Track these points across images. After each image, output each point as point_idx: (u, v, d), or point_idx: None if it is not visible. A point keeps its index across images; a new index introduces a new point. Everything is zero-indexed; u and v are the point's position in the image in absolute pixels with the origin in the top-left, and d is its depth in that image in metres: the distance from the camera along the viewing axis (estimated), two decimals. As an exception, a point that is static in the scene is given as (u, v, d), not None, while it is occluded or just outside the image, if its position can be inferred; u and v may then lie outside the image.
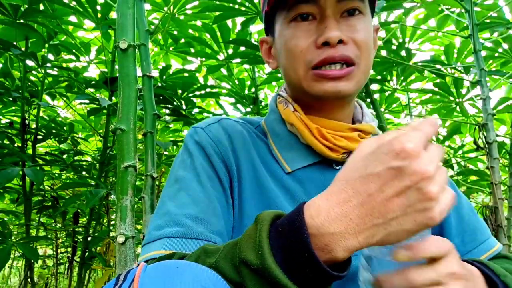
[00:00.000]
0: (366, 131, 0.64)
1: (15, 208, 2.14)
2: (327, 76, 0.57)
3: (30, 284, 1.89)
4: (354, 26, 0.58)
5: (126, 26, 0.49)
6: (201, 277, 0.44)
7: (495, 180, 1.35)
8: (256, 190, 0.61)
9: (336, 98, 0.59)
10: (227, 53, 1.82)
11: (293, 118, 0.63)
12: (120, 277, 0.47)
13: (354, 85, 0.59)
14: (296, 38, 0.59)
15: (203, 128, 0.65)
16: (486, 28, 1.55)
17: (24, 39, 1.62)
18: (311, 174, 0.62)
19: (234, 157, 0.62)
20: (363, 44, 0.58)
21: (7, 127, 1.77)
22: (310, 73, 0.59)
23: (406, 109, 2.38)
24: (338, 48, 0.57)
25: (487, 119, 1.39)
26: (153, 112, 1.19)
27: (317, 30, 0.58)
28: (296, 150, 0.64)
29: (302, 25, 0.59)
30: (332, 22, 0.57)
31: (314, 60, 0.58)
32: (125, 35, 0.48)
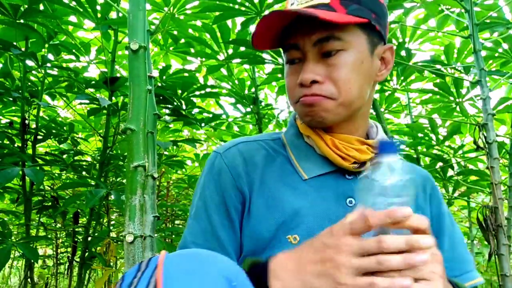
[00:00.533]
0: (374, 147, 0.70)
1: (15, 208, 2.14)
2: (303, 103, 0.65)
3: (30, 284, 1.89)
4: (334, 65, 0.64)
5: (137, 27, 0.49)
6: (223, 266, 0.48)
7: (495, 180, 1.35)
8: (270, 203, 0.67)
9: (316, 122, 0.67)
10: (227, 53, 1.82)
11: (310, 131, 0.70)
12: (142, 264, 0.50)
13: (327, 111, 0.65)
14: (288, 77, 0.69)
15: (220, 154, 0.73)
16: (486, 28, 1.55)
17: (24, 39, 1.62)
18: (326, 181, 0.69)
19: (248, 180, 0.69)
20: (341, 80, 0.64)
21: (7, 127, 1.77)
22: (297, 105, 0.67)
23: (406, 109, 2.38)
24: (312, 88, 0.64)
25: (487, 119, 1.39)
26: (153, 112, 1.19)
27: (300, 72, 0.66)
28: (313, 160, 0.70)
29: (292, 67, 0.68)
30: (308, 65, 0.64)
31: (296, 96, 0.67)
32: (135, 36, 0.49)
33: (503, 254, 1.32)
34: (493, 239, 1.35)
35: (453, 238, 0.75)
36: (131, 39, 0.49)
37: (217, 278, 0.45)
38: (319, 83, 0.64)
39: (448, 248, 0.73)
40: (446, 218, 0.75)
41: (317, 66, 0.64)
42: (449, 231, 0.75)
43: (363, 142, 0.70)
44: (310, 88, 0.64)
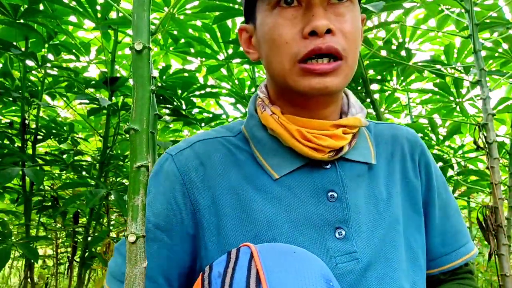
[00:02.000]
0: (352, 126, 0.60)
1: (15, 208, 2.14)
2: (314, 71, 0.53)
3: (30, 284, 1.89)
4: (343, 16, 0.54)
5: (142, 28, 0.49)
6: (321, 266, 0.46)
7: (495, 180, 1.35)
8: (240, 215, 0.57)
9: (323, 94, 0.55)
10: (227, 53, 1.82)
11: (272, 122, 0.59)
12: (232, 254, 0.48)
13: (341, 80, 0.55)
14: (280, 26, 0.54)
15: (172, 157, 0.61)
16: (486, 28, 1.55)
17: (24, 39, 1.62)
18: (300, 177, 0.59)
19: (207, 186, 0.59)
20: (351, 35, 0.54)
21: (7, 127, 1.77)
22: (296, 67, 0.54)
23: (406, 109, 2.38)
24: (325, 39, 0.52)
25: (487, 119, 1.39)
26: (154, 113, 1.20)
27: (303, 18, 0.53)
28: (281, 154, 0.59)
29: (286, 12, 0.54)
30: (320, 10, 0.52)
31: (300, 53, 0.53)
32: (140, 36, 0.49)
33: (503, 254, 1.32)
34: (493, 239, 1.35)
35: (446, 209, 0.68)
36: (135, 40, 0.48)
37: (317, 277, 0.43)
38: (331, 34, 0.53)
39: (440, 221, 0.67)
40: (436, 188, 0.68)
41: (326, 13, 0.53)
42: (441, 202, 0.68)
43: (338, 125, 0.59)
44: (324, 39, 0.52)
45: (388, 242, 0.59)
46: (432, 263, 0.68)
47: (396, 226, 0.61)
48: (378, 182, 0.63)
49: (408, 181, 0.66)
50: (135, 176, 0.47)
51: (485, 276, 2.77)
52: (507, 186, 1.53)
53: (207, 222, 0.58)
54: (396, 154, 0.66)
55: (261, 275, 0.42)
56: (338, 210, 0.58)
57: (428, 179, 0.67)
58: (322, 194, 0.59)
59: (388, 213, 0.61)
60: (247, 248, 0.48)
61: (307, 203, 0.58)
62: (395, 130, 0.69)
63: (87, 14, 1.52)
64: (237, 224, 0.57)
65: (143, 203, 0.47)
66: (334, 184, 0.59)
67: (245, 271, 0.43)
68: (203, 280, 0.47)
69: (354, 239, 0.57)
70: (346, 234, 0.57)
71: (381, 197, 0.62)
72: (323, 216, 0.58)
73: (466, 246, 0.68)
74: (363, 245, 0.57)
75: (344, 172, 0.60)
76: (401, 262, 0.59)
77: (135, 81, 0.48)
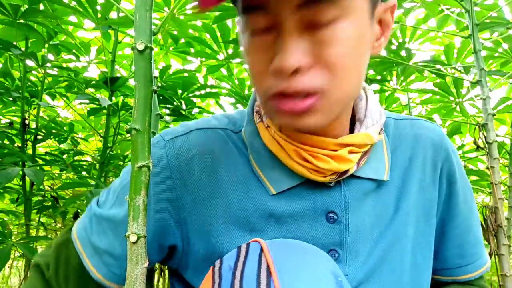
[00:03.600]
0: (359, 144, 0.51)
1: (15, 208, 2.14)
2: (282, 111, 0.45)
3: (30, 284, 1.89)
4: (326, 42, 0.42)
5: (144, 28, 0.49)
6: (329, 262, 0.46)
7: (495, 180, 1.35)
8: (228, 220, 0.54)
9: (305, 132, 0.49)
10: (227, 53, 1.82)
11: (267, 138, 0.53)
12: (242, 249, 0.47)
13: (321, 118, 0.45)
14: (251, 54, 0.46)
15: (165, 142, 0.55)
16: (486, 28, 1.55)
17: (24, 39, 1.62)
18: (299, 195, 0.53)
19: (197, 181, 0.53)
20: (339, 61, 0.42)
21: (7, 127, 1.77)
22: (268, 104, 0.47)
23: (406, 109, 2.38)
24: (293, 80, 0.42)
25: (487, 119, 1.39)
26: (156, 113, 1.20)
27: (275, 47, 0.43)
28: (279, 168, 0.53)
29: (256, 40, 0.44)
30: (291, 40, 0.41)
31: (268, 91, 0.45)
32: (142, 36, 0.49)
33: (503, 254, 1.32)
34: (493, 239, 1.35)
35: (469, 220, 0.64)
36: (137, 40, 0.49)
37: (327, 272, 0.43)
38: (301, 73, 0.42)
39: (461, 232, 0.63)
40: (462, 197, 0.62)
41: (300, 41, 0.41)
42: (465, 212, 0.62)
43: (343, 144, 0.51)
44: (291, 79, 0.42)
45: (386, 263, 0.56)
46: (446, 272, 0.65)
47: (397, 245, 0.57)
48: (386, 197, 0.57)
49: (424, 191, 0.59)
50: (136, 176, 0.47)
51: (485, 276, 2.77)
52: (507, 186, 1.53)
53: (192, 221, 0.54)
54: (415, 160, 0.59)
55: (271, 268, 0.42)
56: (335, 232, 0.54)
57: (452, 188, 0.61)
58: (321, 215, 0.54)
59: (391, 231, 0.56)
60: (257, 243, 0.47)
61: (302, 224, 0.54)
62: (419, 129, 0.60)
63: (87, 14, 1.52)
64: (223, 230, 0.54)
65: (144, 203, 0.47)
66: (335, 205, 0.54)
67: (256, 265, 0.43)
68: (213, 273, 0.47)
69: (347, 263, 0.54)
70: (339, 257, 0.54)
71: (387, 213, 0.57)
72: (317, 238, 0.54)
73: (482, 259, 0.66)
74: (355, 268, 0.55)
75: (349, 191, 0.54)
76: (397, 283, 0.57)
77: (137, 81, 0.48)
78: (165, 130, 0.57)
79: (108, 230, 0.56)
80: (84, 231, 0.59)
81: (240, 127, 0.58)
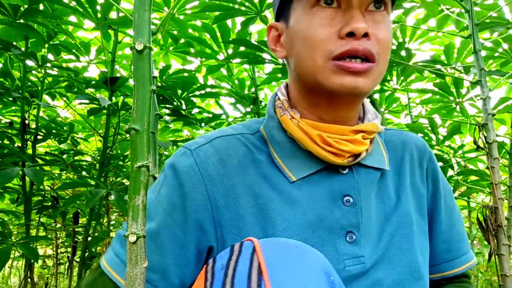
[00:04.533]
0: (370, 131, 0.61)
1: (15, 208, 2.14)
2: (348, 69, 0.53)
3: (30, 284, 1.89)
4: (378, 22, 0.55)
5: (143, 28, 0.49)
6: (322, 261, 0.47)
7: (495, 180, 1.35)
8: (257, 213, 0.57)
9: (352, 94, 0.55)
10: (227, 53, 1.82)
11: (292, 126, 0.59)
12: (235, 247, 0.48)
13: (371, 82, 0.55)
14: (317, 26, 0.54)
15: (191, 151, 0.59)
16: (486, 28, 1.55)
17: (24, 39, 1.62)
18: (317, 181, 0.60)
19: (226, 183, 0.58)
20: (385, 42, 0.55)
21: (7, 127, 1.77)
22: (329, 64, 0.54)
23: (406, 109, 2.38)
24: (362, 42, 0.53)
25: (487, 119, 1.39)
26: (155, 113, 1.20)
27: (341, 19, 0.54)
28: (299, 157, 0.60)
29: (325, 12, 0.54)
30: (359, 14, 0.53)
31: (336, 51, 0.53)
32: (141, 36, 0.49)
33: (503, 254, 1.32)
34: (493, 239, 1.35)
35: (452, 217, 0.70)
36: (136, 40, 0.49)
37: (318, 271, 0.44)
38: (368, 38, 0.53)
39: (446, 228, 0.68)
40: (443, 196, 0.69)
41: (364, 18, 0.54)
42: (448, 209, 0.69)
43: (358, 131, 0.59)
44: (360, 41, 0.53)
45: (394, 246, 0.61)
46: (435, 268, 0.70)
47: (402, 231, 0.63)
48: (388, 187, 0.64)
49: (415, 187, 0.67)
50: (135, 176, 0.47)
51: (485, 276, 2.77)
52: (507, 186, 1.53)
53: (226, 221, 0.57)
54: (405, 160, 0.67)
55: (262, 267, 0.43)
56: (352, 214, 0.60)
57: (436, 186, 0.69)
58: (338, 198, 0.60)
59: (396, 217, 0.63)
60: (250, 242, 0.48)
61: (323, 206, 0.59)
62: (405, 136, 0.70)
63: (87, 14, 1.52)
64: (255, 223, 0.57)
65: (143, 203, 0.47)
66: (350, 189, 0.60)
67: (247, 264, 0.44)
68: (206, 272, 0.48)
69: (362, 244, 0.59)
70: (357, 239, 0.59)
71: (389, 202, 0.64)
72: (337, 219, 0.59)
73: (468, 254, 0.71)
74: (370, 250, 0.60)
75: (360, 178, 0.61)
76: (406, 263, 0.61)
77: (136, 81, 0.48)
78: (188, 143, 0.62)
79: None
80: (117, 257, 0.58)
81: (255, 129, 0.64)
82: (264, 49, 1.63)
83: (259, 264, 0.43)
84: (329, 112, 0.60)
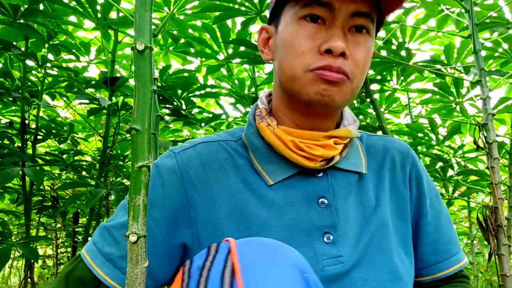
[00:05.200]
0: (343, 136, 0.64)
1: (15, 208, 2.14)
2: (324, 77, 0.57)
3: (30, 284, 1.89)
4: (359, 44, 0.59)
5: (143, 28, 0.49)
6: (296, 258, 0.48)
7: (495, 180, 1.35)
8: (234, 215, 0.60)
9: (325, 104, 0.58)
10: (227, 53, 1.82)
11: (267, 133, 0.63)
12: (211, 248, 0.50)
13: (343, 95, 0.59)
14: (301, 37, 0.58)
15: (175, 154, 0.64)
16: (486, 28, 1.55)
17: (24, 39, 1.62)
18: (293, 184, 0.63)
19: (205, 186, 0.61)
20: (361, 64, 0.59)
21: (7, 127, 1.77)
22: (307, 74, 0.58)
23: (406, 109, 2.38)
24: (338, 60, 0.57)
25: (487, 119, 1.39)
26: (156, 114, 1.20)
27: (324, 35, 0.58)
28: (276, 162, 0.63)
29: (310, 26, 0.58)
30: (340, 33, 0.57)
31: (313, 65, 0.57)
32: (142, 36, 0.49)
33: (503, 254, 1.32)
34: (493, 239, 1.35)
35: (438, 219, 0.71)
36: (137, 40, 0.49)
37: (292, 269, 0.45)
38: (344, 57, 0.57)
39: (433, 231, 0.70)
40: (428, 199, 0.70)
41: (344, 37, 0.57)
42: (434, 212, 0.71)
43: (330, 136, 0.63)
44: (337, 60, 0.56)
45: (374, 246, 0.63)
46: (424, 271, 0.70)
47: (383, 230, 0.65)
48: (367, 190, 0.67)
49: (396, 190, 0.69)
50: (136, 176, 0.47)
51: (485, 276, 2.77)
52: (507, 186, 1.53)
53: (202, 220, 0.60)
54: (386, 164, 0.70)
55: (236, 267, 0.44)
56: (327, 216, 0.62)
57: (420, 189, 0.71)
58: (313, 201, 0.62)
59: (375, 218, 0.65)
60: (227, 242, 0.49)
61: (299, 209, 0.62)
62: (387, 142, 0.73)
63: (87, 14, 1.52)
64: (232, 224, 0.60)
65: (144, 203, 0.47)
66: (325, 192, 0.63)
67: (222, 264, 0.45)
68: (183, 273, 0.48)
69: (341, 244, 0.61)
70: (334, 239, 0.61)
71: (369, 204, 0.66)
72: (312, 221, 0.62)
73: (457, 255, 0.71)
74: (349, 250, 0.61)
75: (335, 181, 0.64)
76: (386, 263, 0.63)
77: (137, 81, 0.48)
78: (174, 147, 0.66)
79: (120, 237, 0.59)
80: (94, 245, 0.61)
81: (238, 136, 0.68)
82: (264, 49, 1.63)
83: (233, 264, 0.44)
84: (305, 120, 0.64)
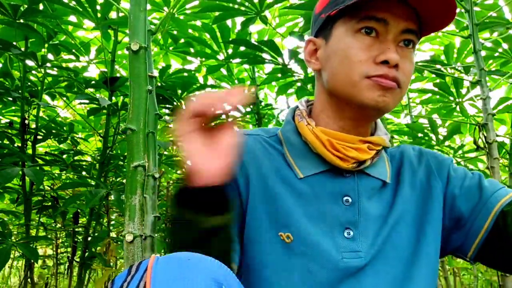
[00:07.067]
0: (376, 143, 0.69)
1: (15, 208, 2.14)
2: (380, 83, 0.62)
3: (30, 284, 1.89)
4: (406, 57, 0.65)
5: (138, 28, 0.50)
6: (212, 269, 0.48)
7: (495, 180, 1.34)
8: (264, 199, 0.67)
9: (378, 109, 0.64)
10: (227, 53, 1.82)
11: (306, 131, 0.69)
12: (133, 268, 0.50)
13: (394, 101, 0.65)
14: (357, 49, 0.64)
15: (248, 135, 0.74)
16: (486, 28, 1.55)
17: (24, 39, 1.62)
18: (322, 180, 0.68)
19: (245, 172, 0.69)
20: (408, 74, 0.66)
21: (7, 127, 1.77)
22: (364, 80, 0.63)
23: (406, 109, 2.38)
24: (393, 70, 0.63)
25: (487, 119, 1.39)
26: (155, 113, 1.19)
27: (378, 48, 0.63)
28: (309, 158, 0.69)
29: (365, 39, 0.64)
30: (394, 47, 0.63)
31: (370, 72, 0.63)
32: (136, 36, 0.49)
33: (503, 254, 1.32)
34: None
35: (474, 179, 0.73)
36: (132, 40, 0.49)
37: (206, 281, 0.45)
38: (397, 69, 0.63)
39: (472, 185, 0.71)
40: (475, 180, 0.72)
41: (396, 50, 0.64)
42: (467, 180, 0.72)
43: (365, 141, 0.68)
44: (392, 70, 0.63)
45: (389, 244, 0.68)
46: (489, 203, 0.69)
47: (397, 228, 0.69)
48: (386, 196, 0.71)
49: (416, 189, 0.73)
50: (132, 175, 0.47)
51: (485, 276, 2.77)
52: (507, 186, 1.52)
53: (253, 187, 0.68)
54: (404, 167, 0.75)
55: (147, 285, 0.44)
56: (350, 213, 0.67)
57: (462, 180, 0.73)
58: (338, 198, 0.68)
59: (391, 219, 0.69)
60: (147, 261, 0.50)
61: (324, 203, 0.67)
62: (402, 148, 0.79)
63: (87, 14, 1.52)
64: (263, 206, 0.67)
65: (140, 203, 0.47)
66: (350, 191, 0.68)
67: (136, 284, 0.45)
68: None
69: (360, 240, 0.66)
70: (354, 235, 0.66)
71: (387, 208, 0.70)
72: (336, 216, 0.67)
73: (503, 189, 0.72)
74: (367, 246, 0.66)
75: (361, 183, 0.69)
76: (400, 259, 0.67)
77: (132, 81, 0.48)
78: (245, 130, 0.76)
79: None
80: None
81: (273, 133, 0.76)
82: (264, 49, 1.63)
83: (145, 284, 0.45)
84: (350, 122, 0.69)
